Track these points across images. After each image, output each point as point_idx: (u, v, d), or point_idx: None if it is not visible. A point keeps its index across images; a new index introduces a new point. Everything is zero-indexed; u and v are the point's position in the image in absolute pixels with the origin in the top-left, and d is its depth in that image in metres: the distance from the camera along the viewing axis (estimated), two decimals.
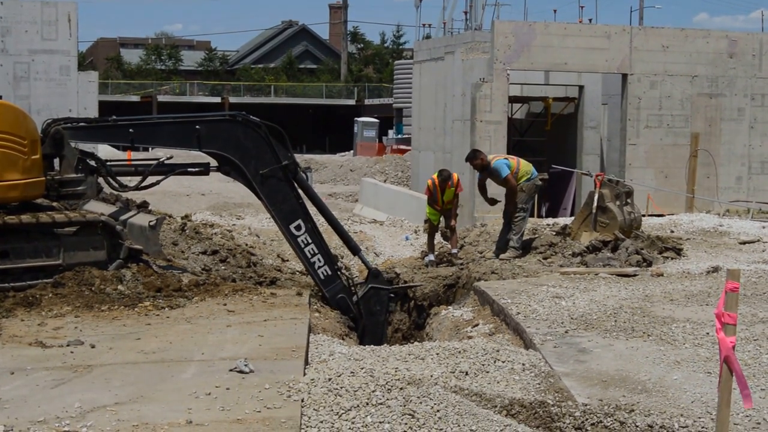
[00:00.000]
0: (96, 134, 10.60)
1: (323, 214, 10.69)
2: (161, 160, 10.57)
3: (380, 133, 51.04)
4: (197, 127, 10.14)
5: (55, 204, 10.34)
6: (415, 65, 27.48)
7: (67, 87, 17.21)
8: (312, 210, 10.60)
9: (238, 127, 10.21)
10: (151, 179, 10.41)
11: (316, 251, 10.29)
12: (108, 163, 10.48)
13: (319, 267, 10.31)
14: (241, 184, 10.50)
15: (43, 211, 9.72)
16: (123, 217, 10.27)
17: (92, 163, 10.27)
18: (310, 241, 10.27)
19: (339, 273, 10.41)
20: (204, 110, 11.59)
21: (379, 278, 10.61)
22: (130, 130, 10.15)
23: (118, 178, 10.39)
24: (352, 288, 10.57)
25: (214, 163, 10.59)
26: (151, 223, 10.26)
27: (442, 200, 13.19)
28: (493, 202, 13.27)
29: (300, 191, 10.44)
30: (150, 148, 32.36)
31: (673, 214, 17.33)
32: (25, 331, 7.74)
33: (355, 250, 10.77)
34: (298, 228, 10.27)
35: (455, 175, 13.38)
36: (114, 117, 10.37)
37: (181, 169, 10.66)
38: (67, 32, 17.13)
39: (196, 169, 10.63)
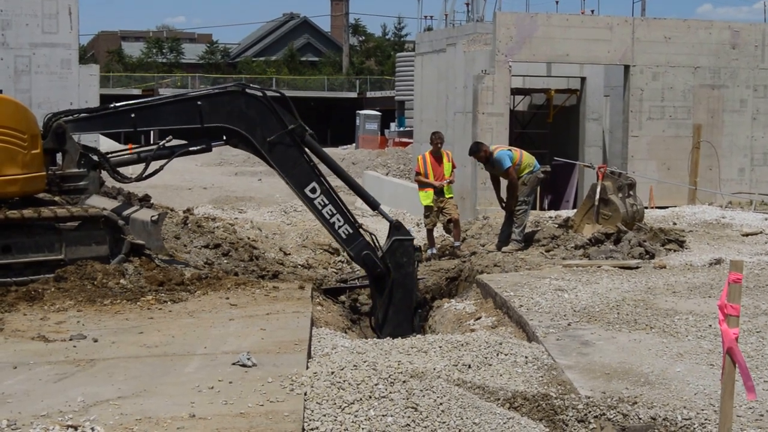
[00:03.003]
0: (98, 123, 10.55)
1: (337, 174, 10.64)
2: (161, 143, 10.48)
3: (382, 126, 51.00)
4: (199, 103, 10.10)
5: (57, 199, 10.34)
6: (417, 57, 27.40)
7: (68, 80, 17.14)
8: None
9: (239, 97, 10.19)
10: (154, 166, 10.35)
11: (335, 211, 10.22)
12: (109, 155, 10.44)
13: (340, 227, 10.23)
14: (251, 154, 10.47)
15: (45, 205, 9.72)
16: (125, 213, 10.25)
17: (94, 157, 10.25)
18: (326, 202, 10.23)
19: (360, 230, 10.32)
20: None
21: (402, 230, 10.47)
22: (132, 115, 10.10)
23: (121, 168, 10.39)
24: (377, 246, 10.43)
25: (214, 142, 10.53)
26: (153, 219, 10.25)
27: (434, 175, 13.26)
28: (502, 202, 13.19)
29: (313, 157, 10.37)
30: (151, 137, 32.36)
31: (675, 206, 17.31)
32: (28, 326, 7.75)
33: (374, 205, 10.67)
34: (313, 191, 10.23)
35: (449, 152, 13.58)
36: (114, 104, 10.35)
37: (183, 150, 10.51)
38: (68, 25, 17.10)
39: (198, 147, 10.52)
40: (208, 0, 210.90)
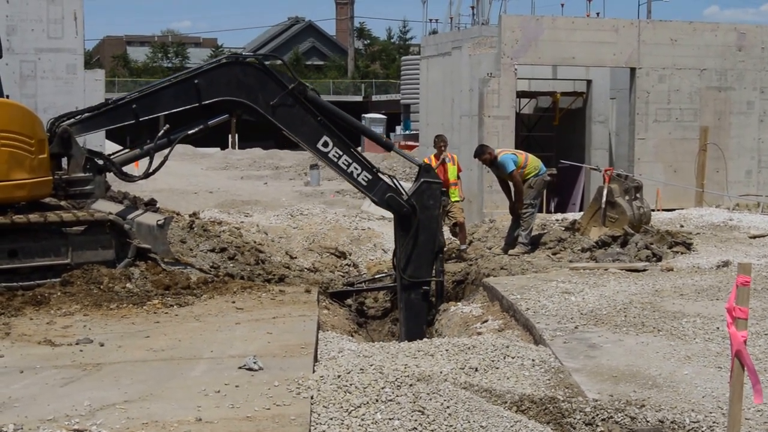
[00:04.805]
0: (102, 121, 10.56)
1: (346, 123, 10.68)
2: (160, 133, 10.45)
3: (388, 130, 51.02)
4: (196, 81, 10.16)
5: (63, 203, 10.36)
6: (422, 61, 27.41)
7: (74, 85, 17.14)
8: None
9: (235, 67, 10.27)
10: (157, 160, 10.35)
11: (351, 161, 10.32)
12: (112, 155, 10.45)
13: (358, 174, 10.34)
14: (258, 121, 10.53)
15: (51, 210, 9.73)
16: (131, 216, 10.26)
17: (99, 161, 10.25)
18: (341, 153, 10.31)
19: (379, 174, 10.40)
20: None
21: (431, 173, 10.57)
22: (133, 106, 10.15)
23: (125, 168, 10.42)
24: (399, 187, 10.53)
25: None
26: (159, 223, 10.26)
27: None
28: (513, 211, 13.09)
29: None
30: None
31: (682, 209, 17.27)
32: (35, 330, 7.75)
33: (388, 146, 10.82)
34: (325, 144, 10.29)
35: (455, 156, 13.54)
36: (113, 98, 10.35)
37: (182, 134, 10.51)
38: (73, 30, 17.11)
39: (197, 129, 10.54)
40: (213, 4, 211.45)
